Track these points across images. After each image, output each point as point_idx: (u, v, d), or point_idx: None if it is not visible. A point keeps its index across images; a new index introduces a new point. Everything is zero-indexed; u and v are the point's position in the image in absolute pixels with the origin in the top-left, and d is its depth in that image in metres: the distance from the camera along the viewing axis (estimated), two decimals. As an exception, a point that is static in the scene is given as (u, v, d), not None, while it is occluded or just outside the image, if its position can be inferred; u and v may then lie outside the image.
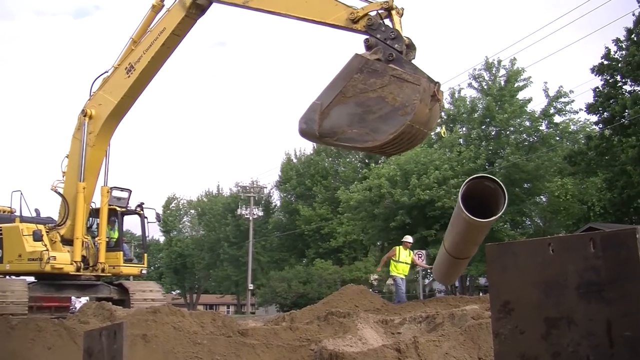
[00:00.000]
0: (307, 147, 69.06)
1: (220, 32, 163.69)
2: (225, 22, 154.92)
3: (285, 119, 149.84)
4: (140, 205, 22.93)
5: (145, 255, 23.80)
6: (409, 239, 20.87)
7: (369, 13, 10.46)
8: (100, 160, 19.61)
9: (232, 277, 74.57)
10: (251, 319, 20.82)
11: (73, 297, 24.35)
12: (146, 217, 23.28)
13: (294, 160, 70.50)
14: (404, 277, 20.17)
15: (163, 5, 17.22)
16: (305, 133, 10.04)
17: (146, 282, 23.59)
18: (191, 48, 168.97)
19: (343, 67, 9.78)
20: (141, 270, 22.70)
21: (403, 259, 19.97)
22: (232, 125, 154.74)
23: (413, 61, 9.97)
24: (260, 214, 70.16)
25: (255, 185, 71.04)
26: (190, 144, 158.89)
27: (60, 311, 21.34)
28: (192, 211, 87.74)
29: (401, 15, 10.53)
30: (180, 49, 17.15)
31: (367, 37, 10.25)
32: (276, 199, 76.35)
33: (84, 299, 22.38)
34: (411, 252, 20.91)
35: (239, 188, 71.67)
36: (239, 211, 69.44)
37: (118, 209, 21.87)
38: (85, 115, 18.81)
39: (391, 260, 20.18)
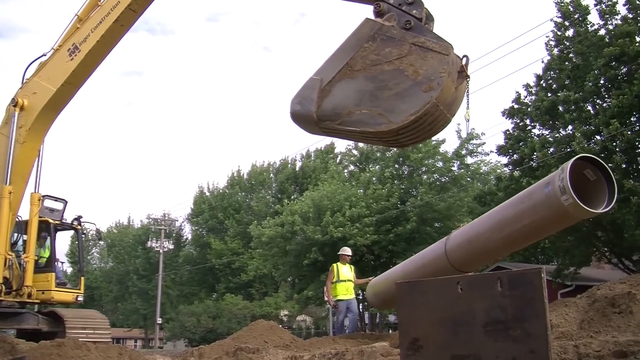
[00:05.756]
0: (221, 180, 68.87)
1: (137, 61, 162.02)
2: (142, 52, 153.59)
3: (198, 151, 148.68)
4: (78, 219, 20.13)
5: (82, 278, 20.47)
6: (347, 250, 17.63)
7: None
8: (31, 160, 16.46)
9: (140, 311, 73.24)
10: (159, 354, 20.31)
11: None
12: (84, 234, 20.88)
13: (207, 194, 70.10)
14: (350, 299, 16.67)
15: None
16: (299, 116, 7.89)
17: (86, 311, 20.70)
18: (104, 77, 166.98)
19: (350, 35, 7.86)
20: (77, 296, 19.44)
21: (344, 276, 16.55)
22: (145, 156, 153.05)
23: None
24: (171, 247, 69.31)
25: (166, 217, 70.26)
26: (101, 173, 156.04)
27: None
28: (101, 242, 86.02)
29: None
30: (93, 78, 15.43)
31: (377, 2, 8.13)
32: (187, 232, 75.73)
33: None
34: (352, 267, 17.35)
35: (150, 220, 70.67)
36: (149, 243, 68.47)
37: (51, 221, 18.84)
38: (15, 106, 15.69)
39: (331, 284, 16.75)
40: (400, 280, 12.39)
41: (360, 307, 38.74)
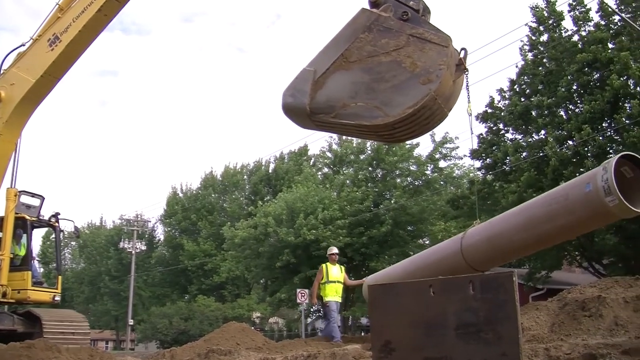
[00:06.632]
0: (194, 182, 68.59)
1: (112, 61, 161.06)
2: (117, 52, 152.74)
3: (172, 152, 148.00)
4: (56, 216, 19.35)
5: (60, 277, 20.03)
6: (333, 249, 16.61)
7: None
8: (8, 154, 15.93)
9: (112, 312, 72.66)
10: (130, 356, 20.18)
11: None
12: (62, 231, 20.22)
13: (180, 195, 69.76)
14: (338, 301, 15.78)
15: None
16: (291, 109, 7.52)
17: (64, 311, 19.97)
18: (78, 75, 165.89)
19: (345, 26, 7.54)
20: (54, 296, 18.70)
21: (334, 277, 15.68)
22: (118, 156, 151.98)
23: None
24: (144, 248, 68.83)
25: (139, 218, 69.82)
26: (73, 173, 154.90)
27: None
28: (73, 243, 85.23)
29: None
30: (66, 76, 14.87)
31: None
32: (160, 233, 75.28)
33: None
34: (342, 267, 16.53)
35: (123, 221, 70.12)
36: (121, 244, 67.89)
37: (28, 218, 18.17)
38: None
39: (320, 284, 15.84)
40: (402, 278, 12.25)
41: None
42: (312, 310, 51.79)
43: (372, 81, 7.17)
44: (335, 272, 15.72)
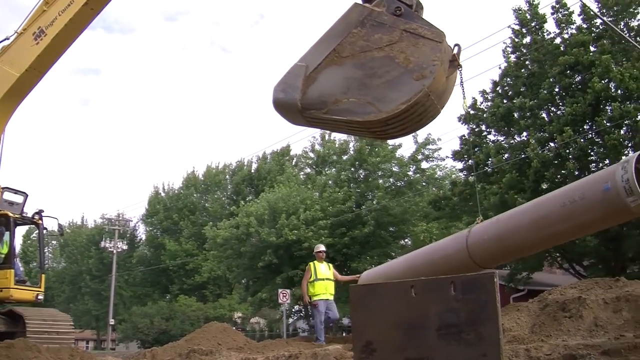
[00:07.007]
0: (176, 181, 68.35)
1: (94, 59, 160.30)
2: (100, 50, 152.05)
3: (154, 151, 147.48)
4: (39, 213, 18.85)
5: (43, 276, 19.65)
6: (321, 247, 16.66)
7: None
8: None
9: (93, 312, 72.22)
10: (111, 356, 20.11)
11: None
12: (46, 228, 19.79)
13: (162, 194, 69.53)
14: (329, 299, 15.59)
15: None
16: (282, 104, 7.31)
17: (47, 310, 19.51)
18: (60, 73, 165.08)
19: (337, 21, 7.36)
20: (37, 295, 18.26)
21: (322, 275, 15.54)
22: (100, 155, 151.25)
23: None
24: (125, 247, 68.54)
25: (121, 217, 69.52)
26: (54, 171, 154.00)
27: None
28: (54, 242, 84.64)
29: None
30: (47, 74, 14.68)
31: None
32: (142, 232, 74.98)
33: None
34: (330, 265, 16.58)
35: (104, 220, 69.77)
36: (103, 244, 67.57)
37: (11, 215, 17.73)
38: None
39: (308, 283, 15.68)
40: (402, 275, 12.11)
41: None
42: (293, 310, 51.75)
43: (365, 77, 7.00)
44: (323, 270, 15.63)
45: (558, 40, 30.46)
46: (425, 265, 12.59)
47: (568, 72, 28.63)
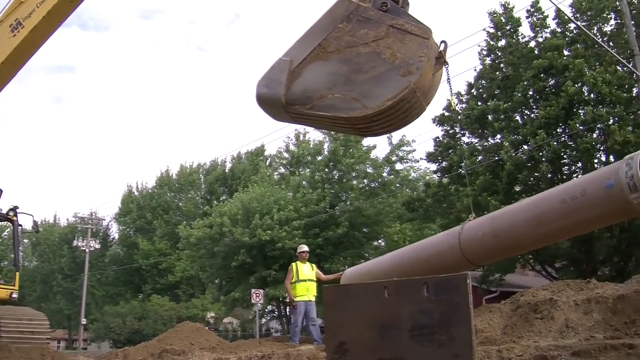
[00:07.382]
0: (150, 180, 67.98)
1: (68, 56, 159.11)
2: (74, 47, 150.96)
3: (128, 150, 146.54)
4: (14, 210, 18.29)
5: (18, 273, 18.90)
6: (303, 247, 16.28)
7: None
8: None
9: (64, 311, 71.59)
10: (83, 355, 19.95)
11: None
12: (20, 225, 19.11)
13: (135, 193, 69.13)
14: (310, 300, 15.46)
15: None
16: (265, 100, 7.17)
17: (22, 308, 18.57)
18: (33, 69, 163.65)
19: (322, 16, 7.27)
20: (11, 293, 17.67)
21: (305, 276, 15.41)
22: (73, 153, 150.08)
23: None
24: (98, 246, 68.07)
25: (94, 216, 69.01)
26: (26, 169, 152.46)
27: None
28: (25, 240, 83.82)
29: None
30: (21, 74, 14.66)
31: None
32: (115, 231, 74.50)
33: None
34: (313, 265, 16.25)
35: (77, 218, 69.21)
36: (75, 242, 67.02)
37: None
38: None
39: (290, 284, 15.58)
40: (389, 273, 11.89)
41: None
42: (266, 310, 51.73)
43: (351, 72, 6.92)
44: (306, 271, 15.47)
45: (532, 44, 30.73)
46: (413, 263, 12.41)
47: (542, 75, 28.86)
